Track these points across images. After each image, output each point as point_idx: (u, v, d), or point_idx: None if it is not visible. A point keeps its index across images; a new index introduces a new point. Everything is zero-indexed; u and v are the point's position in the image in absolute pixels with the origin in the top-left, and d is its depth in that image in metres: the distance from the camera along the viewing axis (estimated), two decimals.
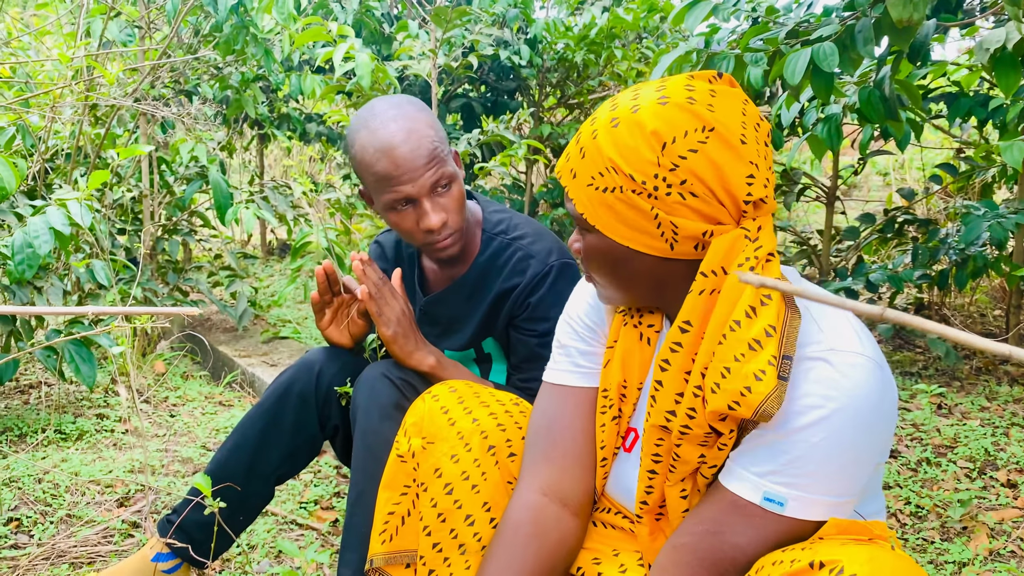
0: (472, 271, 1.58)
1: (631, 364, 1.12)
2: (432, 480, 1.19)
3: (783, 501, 0.92)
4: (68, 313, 0.52)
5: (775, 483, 0.92)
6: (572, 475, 1.14)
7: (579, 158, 1.00)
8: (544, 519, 1.12)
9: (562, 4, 4.48)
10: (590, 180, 0.98)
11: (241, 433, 1.53)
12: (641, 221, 0.97)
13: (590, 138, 0.99)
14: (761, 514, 0.93)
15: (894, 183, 6.19)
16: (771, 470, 0.93)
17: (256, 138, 4.97)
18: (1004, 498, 2.01)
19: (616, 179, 0.96)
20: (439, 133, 1.46)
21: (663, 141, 0.94)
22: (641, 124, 0.95)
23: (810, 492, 0.91)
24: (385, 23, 4.22)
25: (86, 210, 2.01)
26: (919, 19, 1.65)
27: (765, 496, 0.93)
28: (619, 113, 0.98)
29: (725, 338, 0.93)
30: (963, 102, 2.98)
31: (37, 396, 2.67)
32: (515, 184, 4.46)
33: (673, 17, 2.03)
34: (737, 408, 0.91)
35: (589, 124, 1.01)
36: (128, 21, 3.17)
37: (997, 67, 2.06)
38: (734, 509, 0.95)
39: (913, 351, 3.26)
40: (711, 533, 0.96)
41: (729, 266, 0.95)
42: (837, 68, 1.87)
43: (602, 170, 0.97)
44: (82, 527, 1.87)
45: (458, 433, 1.20)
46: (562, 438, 1.15)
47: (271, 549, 1.83)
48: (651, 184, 0.94)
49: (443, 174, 1.43)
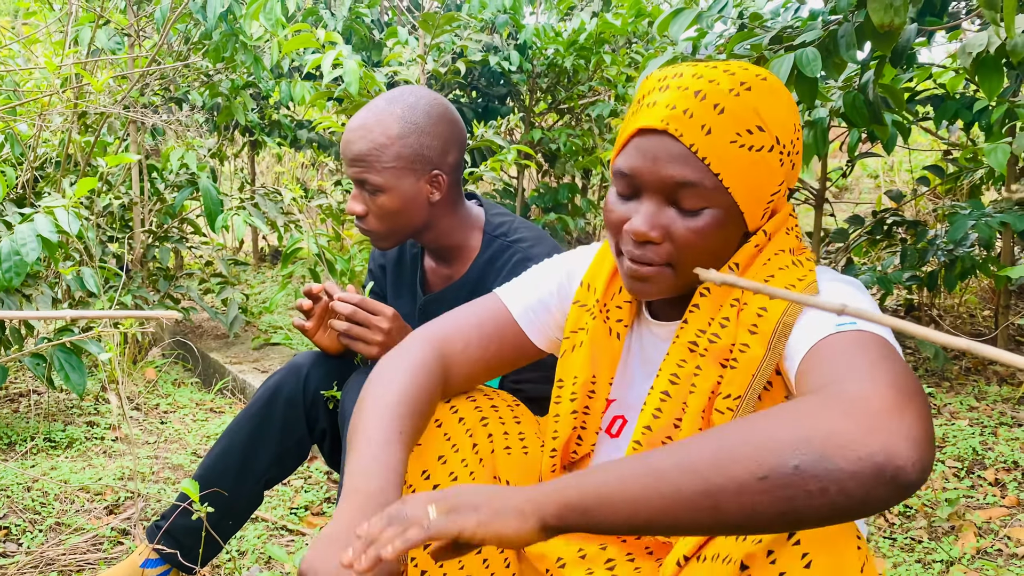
0: (472, 271, 1.60)
1: (601, 360, 1.12)
2: (420, 483, 1.18)
3: (853, 321, 0.88)
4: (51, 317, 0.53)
5: (835, 319, 0.90)
6: (464, 366, 1.16)
7: (715, 113, 0.94)
8: (433, 370, 1.12)
9: (552, 10, 4.50)
10: (735, 137, 0.94)
11: (229, 437, 1.54)
12: (768, 186, 0.98)
13: (728, 95, 0.95)
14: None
15: (884, 185, 6.22)
16: (824, 319, 0.91)
17: (247, 145, 4.97)
18: (991, 496, 2.02)
19: (766, 138, 0.96)
20: (398, 144, 1.47)
21: (793, 108, 0.99)
22: (776, 90, 0.98)
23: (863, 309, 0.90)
24: (375, 29, 4.23)
25: (74, 217, 2.01)
26: (900, 23, 1.67)
27: (836, 324, 0.88)
28: (745, 77, 0.97)
29: (770, 260, 1.01)
30: (949, 105, 3.01)
31: (27, 404, 2.66)
32: (506, 189, 4.47)
33: (658, 25, 2.04)
34: (772, 302, 0.95)
35: (709, 83, 0.95)
36: (117, 29, 3.18)
37: (980, 70, 2.08)
38: (816, 353, 0.88)
39: (904, 352, 3.28)
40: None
41: (778, 231, 1.03)
42: (821, 73, 1.88)
43: (752, 127, 0.95)
44: (71, 535, 1.87)
45: (445, 434, 1.20)
46: (478, 336, 1.17)
47: (261, 555, 1.83)
48: (787, 149, 0.98)
49: (365, 177, 1.48)
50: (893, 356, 0.83)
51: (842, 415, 0.73)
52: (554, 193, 4.13)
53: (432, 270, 1.68)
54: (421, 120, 1.49)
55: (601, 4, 4.66)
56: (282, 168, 6.56)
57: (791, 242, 1.03)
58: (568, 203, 4.23)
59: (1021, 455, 2.23)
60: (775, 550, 0.82)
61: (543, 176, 4.43)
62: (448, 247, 1.60)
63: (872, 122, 2.13)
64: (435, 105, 1.51)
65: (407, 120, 1.48)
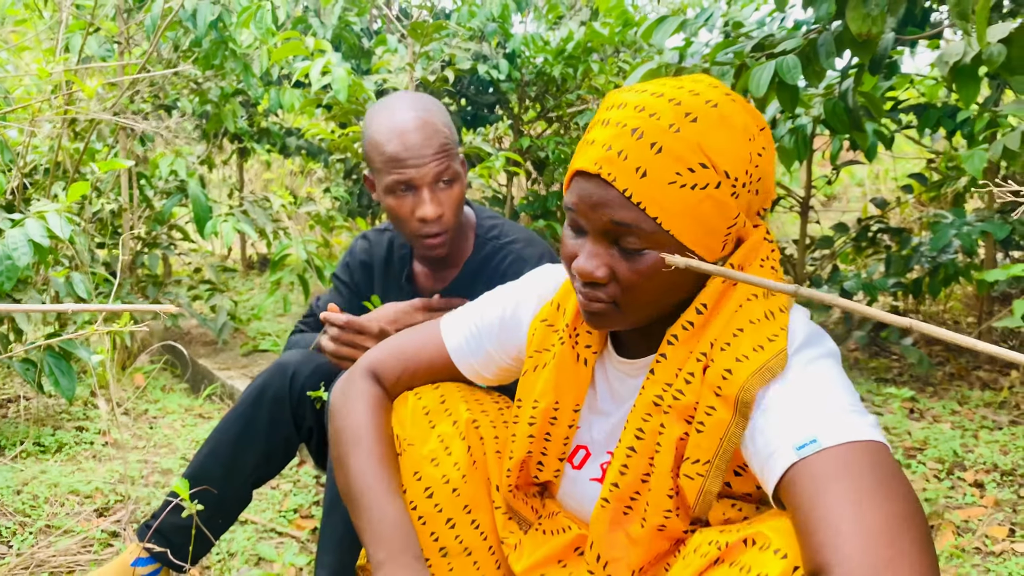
0: (464, 273, 1.61)
1: (565, 386, 1.10)
2: (412, 483, 1.19)
3: (814, 437, 0.83)
4: (54, 310, 0.54)
5: (795, 432, 0.85)
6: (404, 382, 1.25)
7: (652, 154, 0.89)
8: (384, 404, 1.23)
9: (540, 20, 4.54)
10: (674, 177, 0.89)
11: (218, 437, 1.55)
12: (718, 222, 0.92)
13: (667, 132, 0.89)
14: None
15: (870, 194, 6.28)
16: (783, 428, 0.86)
17: (236, 152, 4.99)
18: (971, 496, 2.06)
19: (711, 175, 0.89)
20: (452, 132, 1.53)
21: (749, 135, 0.92)
22: (727, 118, 0.90)
23: (829, 411, 0.85)
24: (364, 38, 4.26)
25: (65, 222, 2.03)
26: (878, 32, 1.71)
27: (796, 447, 0.84)
28: (691, 107, 0.90)
29: (741, 307, 0.94)
30: (932, 113, 3.05)
31: (15, 410, 2.67)
32: (496, 197, 4.50)
33: (642, 32, 2.07)
34: (745, 361, 0.90)
35: (649, 118, 0.90)
36: (107, 37, 3.19)
37: (957, 79, 2.11)
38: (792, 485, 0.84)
39: (889, 358, 3.32)
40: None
41: (748, 263, 0.96)
42: (801, 80, 1.92)
43: (694, 166, 0.89)
44: (61, 537, 1.88)
45: (438, 436, 1.20)
46: (417, 366, 1.24)
47: (251, 556, 1.84)
48: (741, 181, 0.91)
49: (448, 168, 1.49)
50: (877, 487, 0.79)
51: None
52: (543, 200, 4.16)
53: (422, 273, 1.70)
54: (447, 117, 1.54)
55: (589, 14, 4.70)
56: (271, 174, 6.58)
57: (766, 276, 0.96)
58: (557, 210, 4.26)
59: (1001, 457, 2.26)
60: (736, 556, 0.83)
61: (532, 184, 4.45)
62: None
63: (853, 129, 2.16)
64: (444, 108, 1.57)
65: (441, 110, 1.53)
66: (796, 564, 0.80)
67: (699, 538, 0.94)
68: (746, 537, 0.86)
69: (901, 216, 4.60)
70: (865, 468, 0.80)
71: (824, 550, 0.76)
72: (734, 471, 0.98)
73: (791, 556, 0.81)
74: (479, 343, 1.21)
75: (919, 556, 0.74)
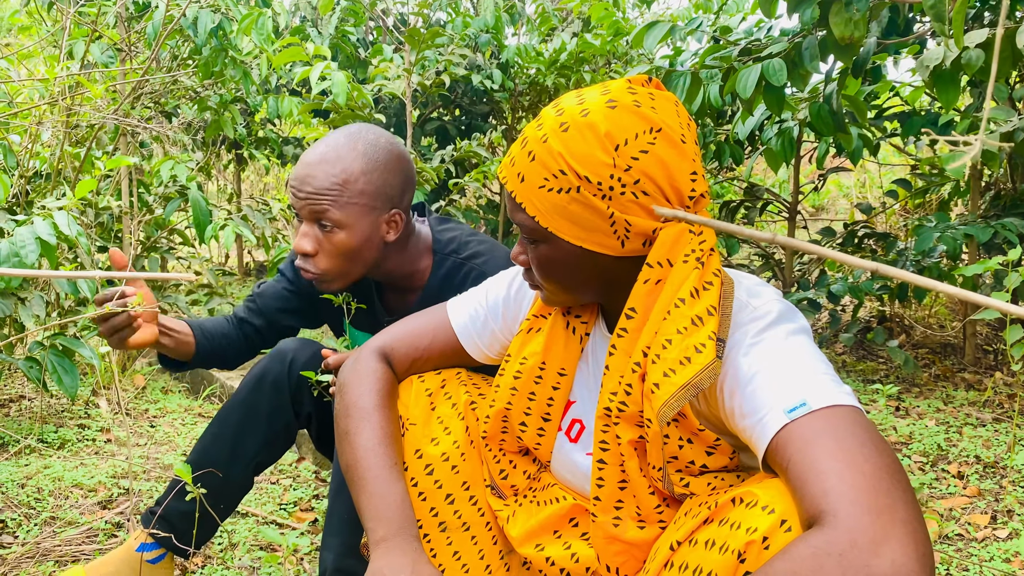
0: (426, 296, 1.59)
1: (554, 347, 1.17)
2: (413, 460, 1.25)
3: (803, 401, 0.88)
4: (85, 276, 0.59)
5: (784, 397, 0.89)
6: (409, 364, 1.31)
7: (528, 161, 1.02)
8: (392, 383, 1.29)
9: (533, 31, 4.62)
10: (542, 182, 1.01)
11: (219, 424, 1.60)
12: (596, 221, 1.00)
13: (539, 142, 1.01)
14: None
15: (856, 200, 6.37)
16: (772, 394, 0.91)
17: (233, 160, 5.04)
18: (954, 487, 2.11)
19: (571, 180, 0.98)
20: (367, 185, 1.44)
21: (616, 143, 0.97)
22: (593, 126, 0.98)
23: (815, 378, 0.90)
24: (360, 48, 4.33)
25: (73, 221, 2.08)
26: (860, 37, 1.78)
27: (786, 410, 0.88)
28: (568, 117, 1.00)
29: (669, 314, 0.97)
30: (915, 121, 3.14)
31: (18, 409, 2.71)
32: (490, 203, 4.57)
33: (632, 38, 2.14)
34: (672, 376, 0.94)
35: (535, 129, 1.03)
36: (109, 44, 3.25)
37: (938, 83, 2.19)
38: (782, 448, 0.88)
39: (876, 361, 3.38)
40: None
41: (675, 258, 1.00)
42: (787, 83, 1.99)
43: (555, 172, 0.99)
44: (66, 528, 1.92)
45: (438, 417, 1.27)
46: (427, 347, 1.30)
47: (252, 547, 1.88)
48: (607, 184, 0.98)
49: (326, 212, 1.42)
50: (866, 442, 0.83)
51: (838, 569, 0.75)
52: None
53: (389, 295, 1.69)
54: (383, 157, 1.46)
55: (581, 25, 4.78)
56: (269, 179, 6.63)
57: (693, 280, 0.98)
58: None
59: (983, 450, 2.32)
60: (769, 537, 0.85)
61: None
62: (399, 276, 1.60)
63: (837, 131, 2.23)
64: (395, 144, 1.50)
65: (370, 157, 1.45)
66: (784, 518, 0.84)
67: (690, 502, 0.99)
68: (734, 496, 0.91)
69: (887, 223, 4.68)
70: (854, 427, 0.85)
71: (820, 498, 0.79)
72: (705, 451, 1.03)
73: (778, 511, 0.85)
74: (484, 322, 1.28)
75: (912, 506, 0.79)
